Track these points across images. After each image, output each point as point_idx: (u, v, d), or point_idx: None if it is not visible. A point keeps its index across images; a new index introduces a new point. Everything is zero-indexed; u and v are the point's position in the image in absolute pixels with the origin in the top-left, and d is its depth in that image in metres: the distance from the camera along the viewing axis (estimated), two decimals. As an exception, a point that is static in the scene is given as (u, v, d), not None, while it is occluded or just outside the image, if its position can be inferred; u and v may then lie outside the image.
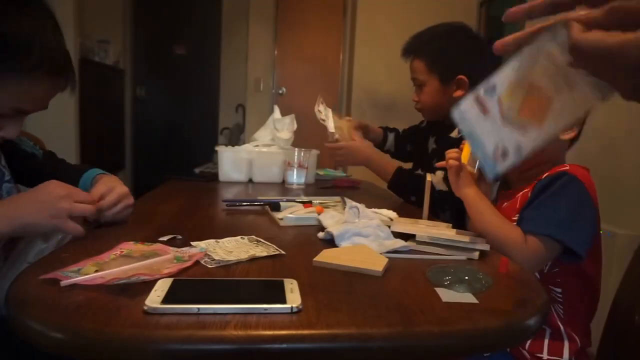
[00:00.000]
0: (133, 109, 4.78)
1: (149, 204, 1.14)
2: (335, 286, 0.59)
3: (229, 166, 1.59)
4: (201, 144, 4.31)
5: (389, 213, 0.97)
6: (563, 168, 0.91)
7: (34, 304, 0.49)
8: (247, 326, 0.46)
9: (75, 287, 0.53)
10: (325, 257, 0.69)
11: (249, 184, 1.58)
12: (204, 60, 4.70)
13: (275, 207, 1.05)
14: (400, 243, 0.78)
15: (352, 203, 0.91)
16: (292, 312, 0.49)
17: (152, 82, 4.77)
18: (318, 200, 1.11)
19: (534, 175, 0.95)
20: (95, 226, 0.83)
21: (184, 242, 0.75)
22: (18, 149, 0.97)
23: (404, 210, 1.10)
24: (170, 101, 4.80)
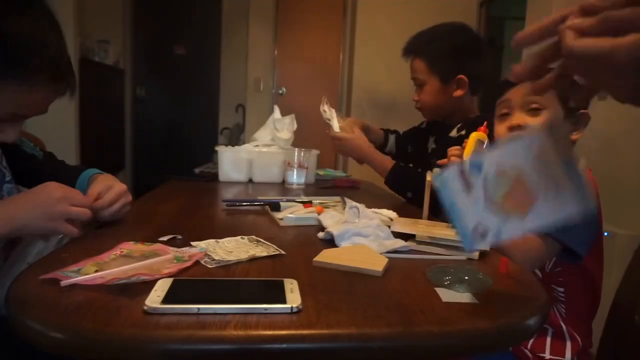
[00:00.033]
0: (133, 109, 4.78)
1: (149, 204, 1.14)
2: (335, 286, 0.59)
3: (229, 166, 1.59)
4: (201, 144, 4.31)
5: (389, 213, 0.97)
6: None
7: (34, 304, 0.49)
8: (247, 326, 0.46)
9: (75, 287, 0.53)
10: (325, 257, 0.69)
11: (249, 184, 1.58)
12: (204, 60, 4.70)
13: (275, 207, 1.05)
14: (400, 243, 0.78)
15: (352, 203, 0.91)
16: (292, 312, 0.49)
17: (152, 82, 4.77)
18: (318, 200, 1.11)
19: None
20: (96, 226, 0.83)
21: (184, 242, 0.75)
22: (19, 150, 0.97)
23: (404, 210, 1.10)
24: (170, 101, 4.80)
